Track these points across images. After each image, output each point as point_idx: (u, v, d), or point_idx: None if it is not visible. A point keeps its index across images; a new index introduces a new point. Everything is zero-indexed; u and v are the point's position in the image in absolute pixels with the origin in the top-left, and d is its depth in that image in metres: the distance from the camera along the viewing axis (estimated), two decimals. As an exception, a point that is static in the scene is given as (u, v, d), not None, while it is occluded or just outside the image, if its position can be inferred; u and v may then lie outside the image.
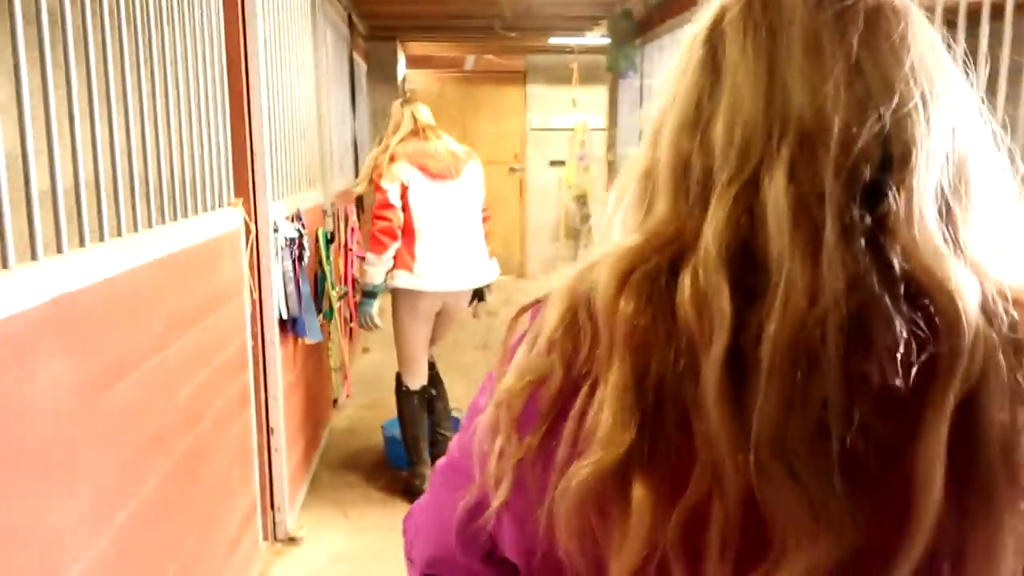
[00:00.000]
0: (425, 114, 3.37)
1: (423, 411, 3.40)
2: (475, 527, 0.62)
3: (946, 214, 0.51)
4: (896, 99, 0.51)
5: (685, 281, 0.51)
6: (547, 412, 0.55)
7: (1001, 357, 0.48)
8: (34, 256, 1.39)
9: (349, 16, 5.42)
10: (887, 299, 0.48)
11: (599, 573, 0.52)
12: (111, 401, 1.62)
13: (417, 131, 3.29)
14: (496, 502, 0.58)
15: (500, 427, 0.57)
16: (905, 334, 0.48)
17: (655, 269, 0.53)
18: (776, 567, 0.48)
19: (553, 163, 8.73)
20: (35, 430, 1.33)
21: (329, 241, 3.85)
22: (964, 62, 0.57)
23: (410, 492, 3.33)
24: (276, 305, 2.80)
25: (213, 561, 2.30)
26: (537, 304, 0.61)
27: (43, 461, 1.36)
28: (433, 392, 3.48)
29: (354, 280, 4.51)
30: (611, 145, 6.86)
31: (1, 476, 1.22)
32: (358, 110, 6.13)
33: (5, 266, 1.29)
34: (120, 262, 1.69)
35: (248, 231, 2.65)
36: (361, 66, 6.69)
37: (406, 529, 0.77)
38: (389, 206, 3.12)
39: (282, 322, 2.90)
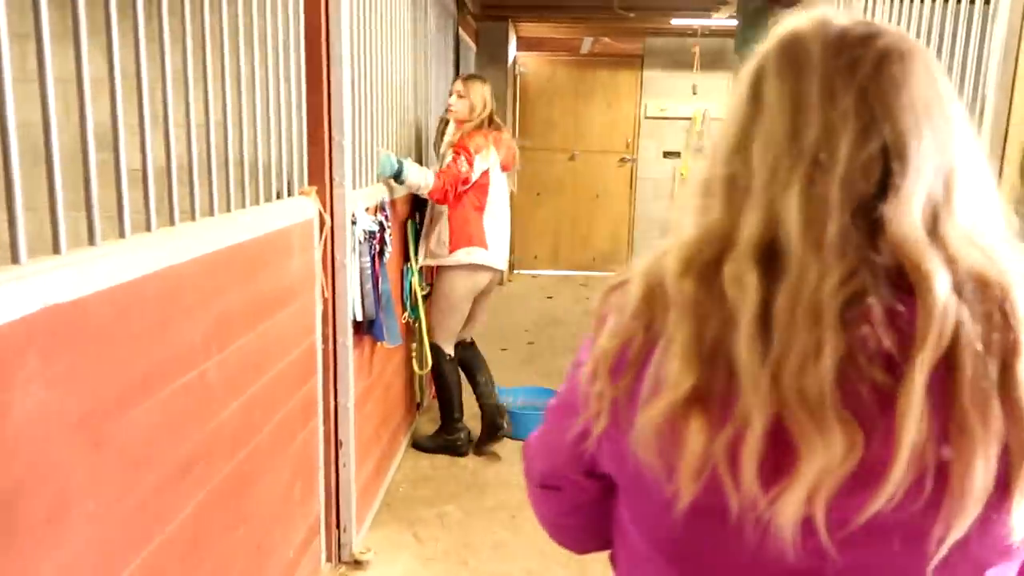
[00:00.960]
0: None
1: None
2: (580, 449, 0.80)
3: (931, 216, 0.66)
4: (893, 125, 0.66)
5: (726, 267, 0.68)
6: (632, 363, 0.73)
7: (969, 324, 0.63)
8: (16, 260, 1.12)
9: (457, -8, 5.12)
10: (877, 282, 0.64)
11: (670, 477, 0.69)
12: (125, 429, 1.35)
13: (492, 117, 3.54)
14: (596, 430, 0.76)
15: (598, 375, 0.75)
16: (893, 307, 0.64)
17: (708, 258, 0.69)
18: (793, 479, 0.64)
19: (667, 154, 8.20)
20: (8, 472, 1.07)
21: (419, 234, 3.57)
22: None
23: (454, 451, 3.66)
24: (350, 305, 2.52)
25: (265, 589, 2.05)
26: (621, 284, 0.78)
27: (21, 510, 1.09)
28: (476, 367, 3.83)
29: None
30: (733, 137, 6.31)
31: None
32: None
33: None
34: (154, 258, 1.42)
35: (322, 223, 2.38)
36: (469, 47, 6.40)
37: (525, 454, 0.97)
38: (467, 180, 3.38)
39: (357, 324, 2.63)
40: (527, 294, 7.40)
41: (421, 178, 3.23)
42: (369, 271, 2.59)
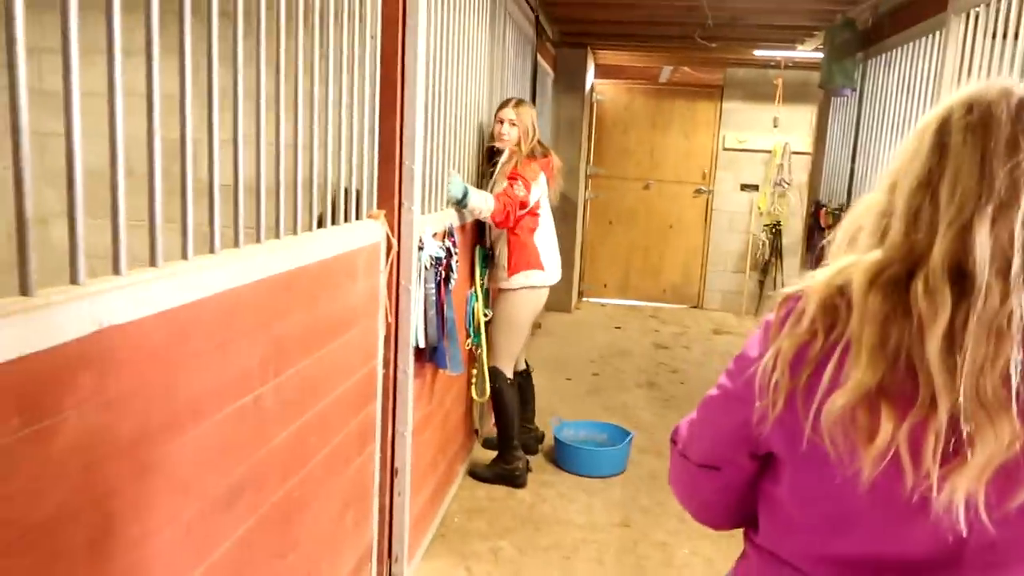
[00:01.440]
0: None
1: None
2: (746, 432, 0.94)
3: None
4: None
5: (918, 283, 0.80)
6: (812, 361, 0.85)
7: None
8: (74, 280, 1.10)
9: (537, 19, 5.11)
10: None
11: (852, 456, 0.82)
12: (175, 453, 1.32)
13: (539, 141, 3.59)
14: (772, 415, 0.89)
15: (778, 369, 0.87)
16: None
17: (896, 275, 0.82)
18: (965, 460, 0.78)
19: (745, 187, 8.01)
20: (50, 496, 1.04)
21: (487, 258, 3.52)
22: None
23: (512, 482, 3.58)
24: (413, 332, 2.48)
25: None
26: (796, 294, 0.90)
27: (61, 534, 1.07)
28: (526, 398, 3.94)
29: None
30: (816, 170, 6.10)
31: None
32: (541, 119, 5.82)
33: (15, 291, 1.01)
34: (214, 281, 1.40)
35: (389, 247, 2.35)
36: (547, 73, 6.39)
37: (677, 439, 1.09)
38: (525, 204, 3.42)
39: (419, 350, 2.59)
40: (595, 323, 7.29)
41: (482, 201, 3.22)
42: (434, 297, 2.55)
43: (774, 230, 7.81)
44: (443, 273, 2.63)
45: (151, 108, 1.26)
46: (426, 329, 2.55)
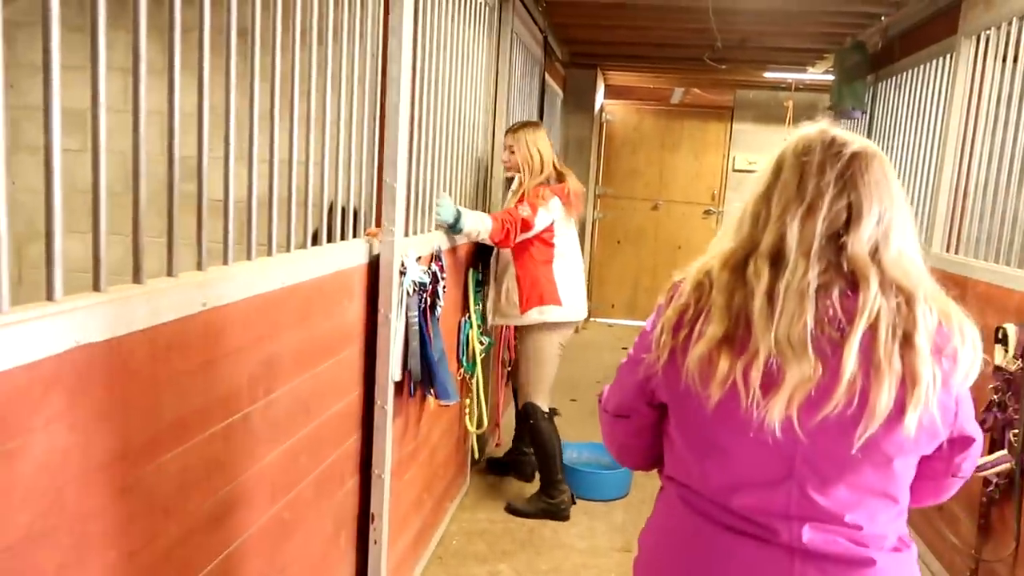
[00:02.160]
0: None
1: None
2: (646, 386, 1.24)
3: (874, 246, 1.09)
4: (855, 193, 1.10)
5: (752, 263, 1.12)
6: (687, 324, 1.14)
7: (886, 310, 1.06)
8: (51, 296, 1.08)
9: (545, 39, 5.11)
10: (838, 280, 1.09)
11: (705, 390, 1.11)
12: (156, 474, 1.30)
13: (555, 166, 3.44)
14: (659, 367, 1.18)
15: (664, 331, 1.17)
16: (846, 294, 1.08)
17: (739, 258, 1.14)
18: (779, 390, 1.06)
19: (754, 208, 7.97)
20: (17, 519, 1.02)
21: (480, 284, 3.44)
22: None
23: (556, 516, 3.48)
24: (392, 363, 2.32)
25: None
26: (678, 281, 1.21)
27: (30, 558, 1.04)
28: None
29: (502, 330, 4.06)
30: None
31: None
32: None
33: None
34: (199, 298, 1.38)
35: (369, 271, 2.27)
36: (556, 93, 6.39)
37: (601, 398, 1.39)
38: (529, 225, 3.26)
39: (402, 382, 2.43)
40: (602, 343, 7.24)
41: (478, 222, 3.06)
42: (417, 327, 2.38)
43: (784, 252, 7.76)
44: (429, 300, 2.49)
45: (137, 122, 1.25)
46: (408, 361, 2.40)
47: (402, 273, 2.28)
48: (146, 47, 1.25)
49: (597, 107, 7.56)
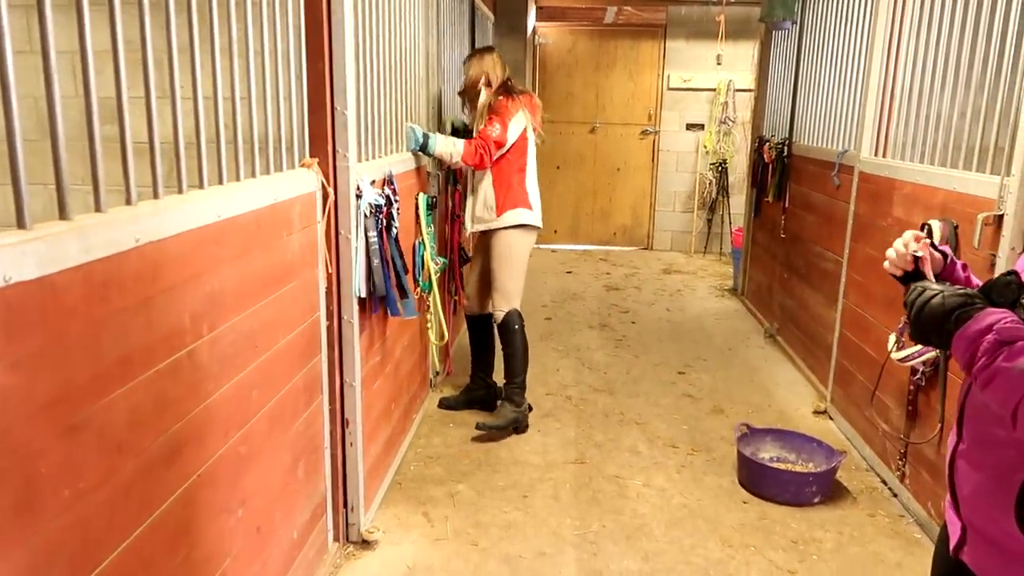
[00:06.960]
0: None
1: None
2: None
3: None
4: None
5: None
6: None
7: None
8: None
9: (473, -41, 4.97)
10: None
11: None
12: (104, 412, 1.29)
13: (508, 82, 3.59)
14: None
15: None
16: None
17: None
18: None
19: (691, 126, 8.03)
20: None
21: (431, 207, 3.47)
22: None
23: (521, 424, 3.63)
24: (356, 281, 2.45)
25: (269, 567, 2.00)
26: None
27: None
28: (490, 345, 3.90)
29: (458, 248, 4.14)
30: (759, 106, 6.12)
31: None
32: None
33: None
34: (133, 233, 1.35)
35: (325, 196, 2.30)
36: (487, 17, 6.25)
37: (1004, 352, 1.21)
38: (502, 143, 3.46)
39: (365, 299, 2.56)
40: (546, 269, 7.31)
41: (449, 146, 3.34)
42: (377, 246, 2.51)
43: (720, 168, 7.87)
44: (384, 221, 2.58)
45: (47, 61, 1.20)
46: (372, 278, 2.52)
47: (358, 196, 2.40)
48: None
49: (530, 30, 7.43)
